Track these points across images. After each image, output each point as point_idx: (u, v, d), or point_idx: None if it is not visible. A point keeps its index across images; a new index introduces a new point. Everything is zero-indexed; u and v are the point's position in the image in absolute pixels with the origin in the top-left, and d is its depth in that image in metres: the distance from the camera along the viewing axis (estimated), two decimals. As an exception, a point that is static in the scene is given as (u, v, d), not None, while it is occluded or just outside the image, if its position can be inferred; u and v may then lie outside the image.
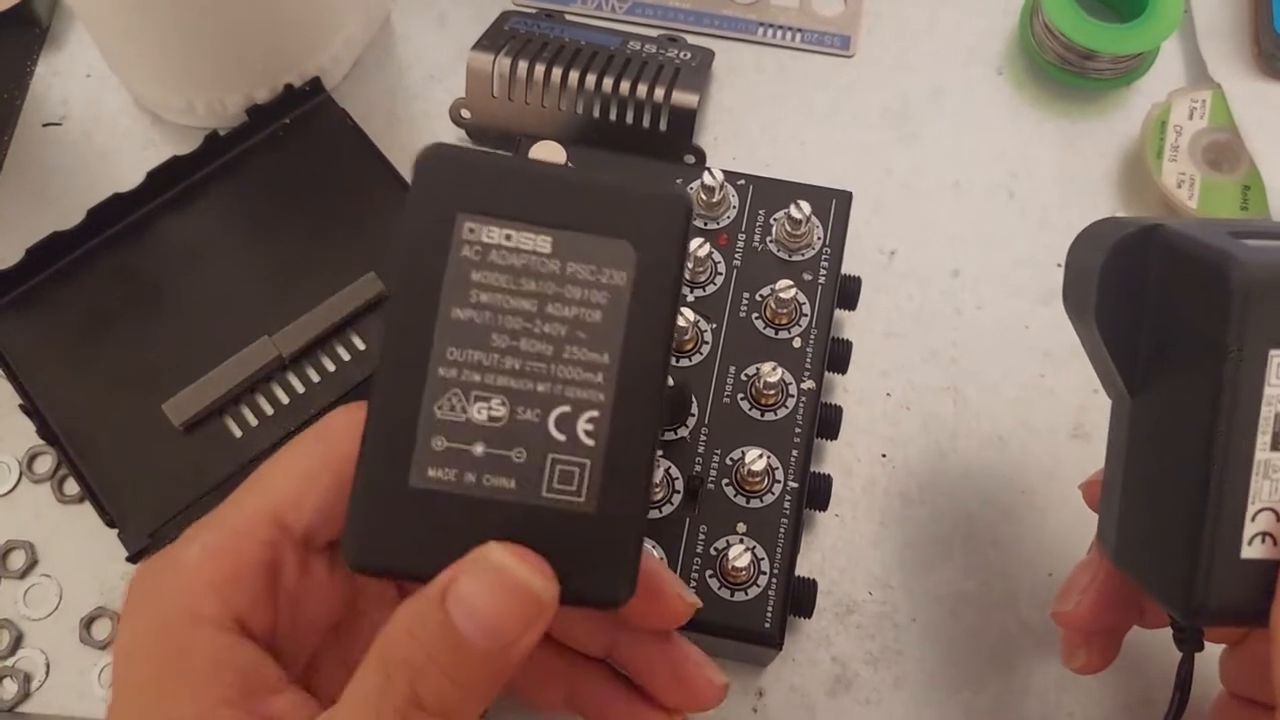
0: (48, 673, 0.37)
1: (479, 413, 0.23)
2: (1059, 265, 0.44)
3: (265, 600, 0.25)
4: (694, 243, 0.36)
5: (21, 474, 0.40)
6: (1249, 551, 0.25)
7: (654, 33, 0.46)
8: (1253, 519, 0.25)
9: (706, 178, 0.37)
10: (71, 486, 0.39)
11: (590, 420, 0.23)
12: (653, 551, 0.33)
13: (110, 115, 0.46)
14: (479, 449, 0.23)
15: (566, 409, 0.23)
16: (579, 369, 0.23)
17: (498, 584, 0.22)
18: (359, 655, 0.27)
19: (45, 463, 0.40)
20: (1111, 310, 0.28)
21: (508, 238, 0.23)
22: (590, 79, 0.43)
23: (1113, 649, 0.32)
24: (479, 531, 0.23)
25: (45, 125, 0.46)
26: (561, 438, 0.23)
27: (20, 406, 0.39)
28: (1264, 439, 0.24)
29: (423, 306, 0.23)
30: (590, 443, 0.23)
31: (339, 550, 0.26)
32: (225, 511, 0.26)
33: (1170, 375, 0.26)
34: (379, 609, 0.28)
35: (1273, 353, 0.24)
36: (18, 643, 0.37)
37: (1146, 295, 0.27)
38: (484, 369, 0.23)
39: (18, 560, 0.38)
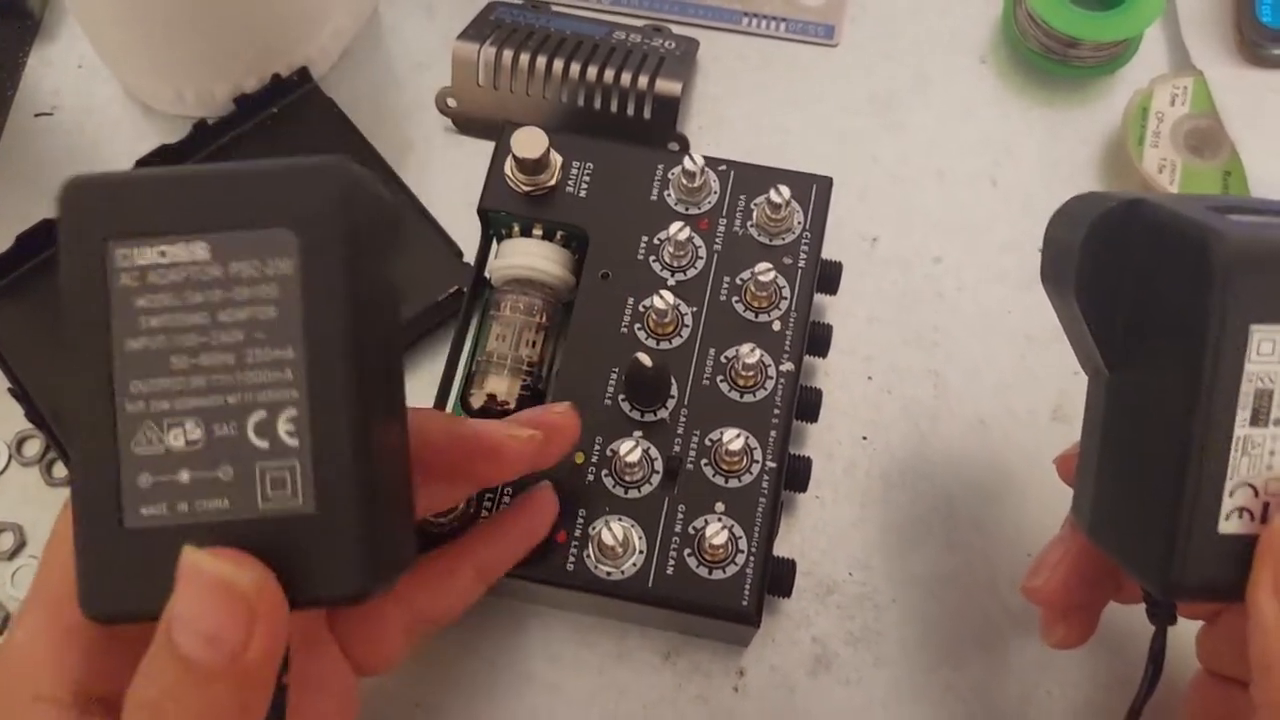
0: (35, 653, 0.37)
1: (175, 439, 0.22)
2: (1040, 251, 0.44)
3: (102, 660, 0.24)
4: (674, 227, 0.36)
5: (10, 457, 0.40)
6: (1226, 527, 0.25)
7: (639, 23, 0.47)
8: (1230, 494, 0.24)
9: (687, 163, 0.37)
10: (60, 469, 0.40)
11: (289, 420, 0.22)
12: (461, 420, 0.31)
13: (101, 105, 0.46)
14: (184, 476, 0.22)
15: (262, 414, 0.22)
16: (265, 370, 0.22)
17: (200, 588, 0.21)
18: None
19: (34, 446, 0.40)
20: (1091, 285, 0.28)
21: (162, 254, 0.22)
22: (575, 68, 0.43)
23: (1089, 624, 0.32)
24: None
25: (37, 115, 0.46)
26: (264, 445, 0.22)
27: (9, 390, 0.39)
28: (1243, 414, 0.24)
29: (95, 345, 0.22)
30: (294, 443, 0.22)
31: None
32: (40, 585, 0.25)
33: (1150, 350, 0.26)
34: None
35: (1254, 328, 0.24)
36: (5, 624, 0.38)
37: (1126, 270, 0.27)
38: (171, 394, 0.22)
39: (6, 542, 0.39)
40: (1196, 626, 0.32)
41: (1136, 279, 0.27)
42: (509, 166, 0.38)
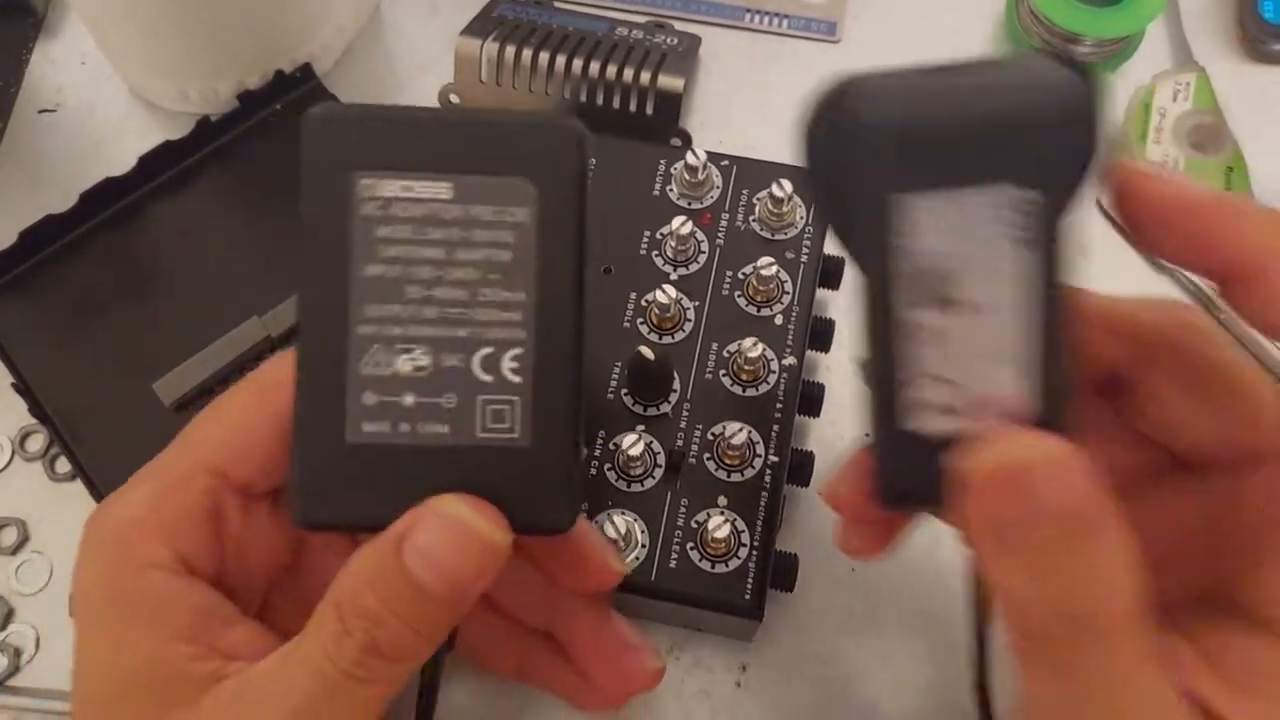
0: (38, 648, 0.37)
1: (404, 364, 0.23)
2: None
3: (210, 544, 0.25)
4: (677, 221, 0.36)
5: (14, 452, 0.40)
6: (925, 425, 0.22)
7: (641, 19, 0.47)
8: (920, 388, 0.22)
9: (689, 157, 0.37)
10: (63, 465, 0.40)
11: (514, 358, 0.23)
12: (583, 518, 0.32)
13: (104, 102, 0.46)
14: (409, 399, 0.23)
15: (489, 350, 0.24)
16: (496, 309, 0.24)
17: (454, 534, 0.22)
18: (311, 593, 0.27)
19: (37, 441, 0.40)
20: (821, 181, 0.24)
21: (406, 189, 0.23)
22: (577, 64, 0.43)
23: (883, 537, 0.29)
24: (421, 478, 0.23)
25: (40, 112, 0.46)
26: (488, 378, 0.23)
27: (13, 385, 0.39)
28: (917, 297, 0.22)
29: (334, 269, 0.23)
30: (517, 379, 0.24)
31: (281, 499, 0.27)
32: (165, 460, 0.26)
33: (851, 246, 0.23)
34: (328, 550, 0.29)
35: (907, 198, 0.21)
36: (8, 618, 0.38)
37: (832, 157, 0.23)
38: (403, 321, 0.23)
39: (9, 537, 0.39)
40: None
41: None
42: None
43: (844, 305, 0.41)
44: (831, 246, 0.38)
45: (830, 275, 0.38)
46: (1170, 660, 0.22)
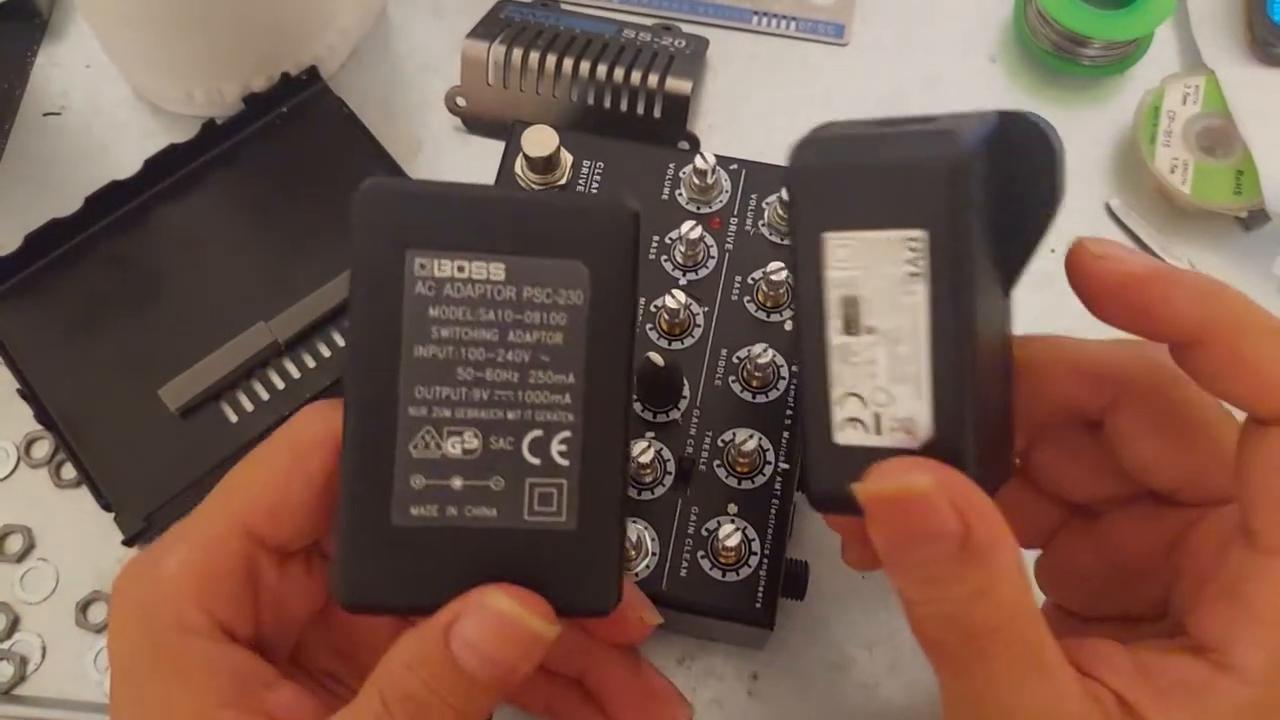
0: (44, 656, 0.37)
1: (453, 447, 0.23)
2: (1052, 251, 0.44)
3: (246, 605, 0.26)
4: (686, 225, 0.36)
5: (19, 459, 0.40)
6: (841, 438, 0.24)
7: (648, 21, 0.47)
8: (839, 404, 0.24)
9: (698, 161, 0.37)
10: (68, 471, 0.39)
11: (563, 441, 0.24)
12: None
13: (109, 105, 0.46)
14: (457, 482, 0.23)
15: (539, 433, 0.24)
16: (546, 392, 0.23)
17: (500, 626, 0.23)
18: (339, 633, 0.28)
19: (43, 447, 0.40)
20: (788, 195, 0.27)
21: (460, 269, 0.23)
22: (585, 66, 0.43)
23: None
24: (467, 562, 0.23)
25: (45, 115, 0.46)
26: (536, 461, 0.24)
27: (18, 391, 0.39)
28: (835, 322, 0.24)
29: (385, 348, 0.23)
30: (565, 463, 0.24)
31: (314, 551, 0.28)
32: (199, 522, 0.26)
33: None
34: None
35: (827, 235, 0.23)
36: (14, 626, 0.38)
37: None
38: (453, 403, 0.23)
39: (15, 544, 0.39)
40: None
41: None
42: (519, 166, 0.38)
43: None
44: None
45: (840, 280, 0.38)
46: (1101, 666, 0.23)
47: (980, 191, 0.23)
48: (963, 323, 0.23)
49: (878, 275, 0.23)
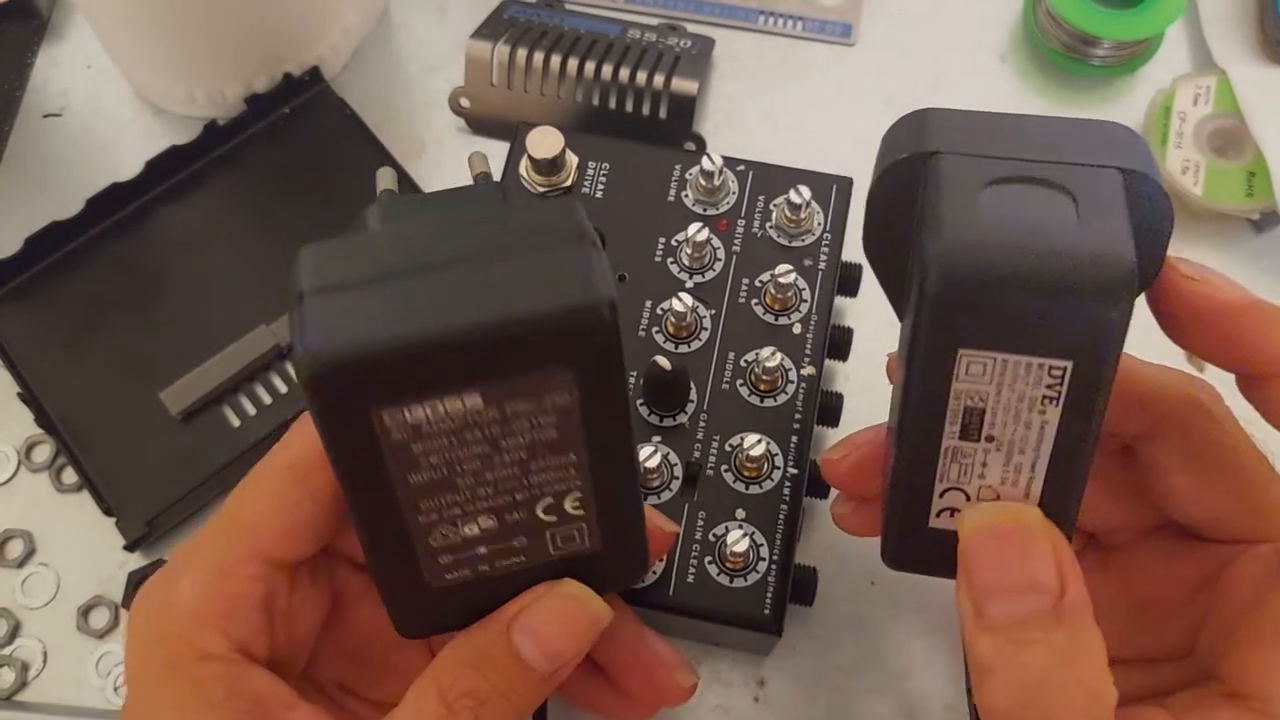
0: (45, 662, 0.37)
1: (470, 530, 0.24)
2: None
3: (262, 626, 0.26)
4: (692, 228, 0.36)
5: (20, 463, 0.39)
6: (936, 523, 0.25)
7: (654, 21, 0.46)
8: (941, 495, 0.25)
9: (705, 163, 0.37)
10: (69, 475, 0.39)
11: (575, 500, 0.24)
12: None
13: (110, 106, 0.46)
14: (482, 549, 0.24)
15: (550, 500, 0.24)
16: (551, 474, 0.23)
17: (564, 612, 0.24)
18: (348, 639, 0.28)
19: (43, 451, 0.40)
20: (879, 235, 0.26)
21: (433, 410, 0.21)
22: (590, 67, 0.43)
23: (873, 522, 0.30)
24: (510, 587, 0.25)
25: (45, 116, 0.46)
26: (553, 519, 0.24)
27: (19, 395, 0.39)
28: (952, 427, 0.24)
29: (377, 489, 0.22)
30: (580, 512, 0.24)
31: (319, 558, 0.28)
32: (211, 548, 0.26)
33: (909, 324, 0.25)
34: (366, 596, 0.29)
35: (962, 352, 0.22)
36: (15, 632, 0.37)
37: (909, 227, 0.24)
38: (460, 503, 0.23)
39: (16, 549, 0.38)
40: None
41: (910, 242, 0.24)
42: (524, 167, 0.37)
43: (862, 313, 0.41)
44: (850, 253, 0.37)
45: (849, 282, 0.38)
46: None
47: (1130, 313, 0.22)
48: (1086, 444, 0.23)
49: (1010, 392, 0.23)
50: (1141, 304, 0.24)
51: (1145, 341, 0.26)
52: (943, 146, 0.24)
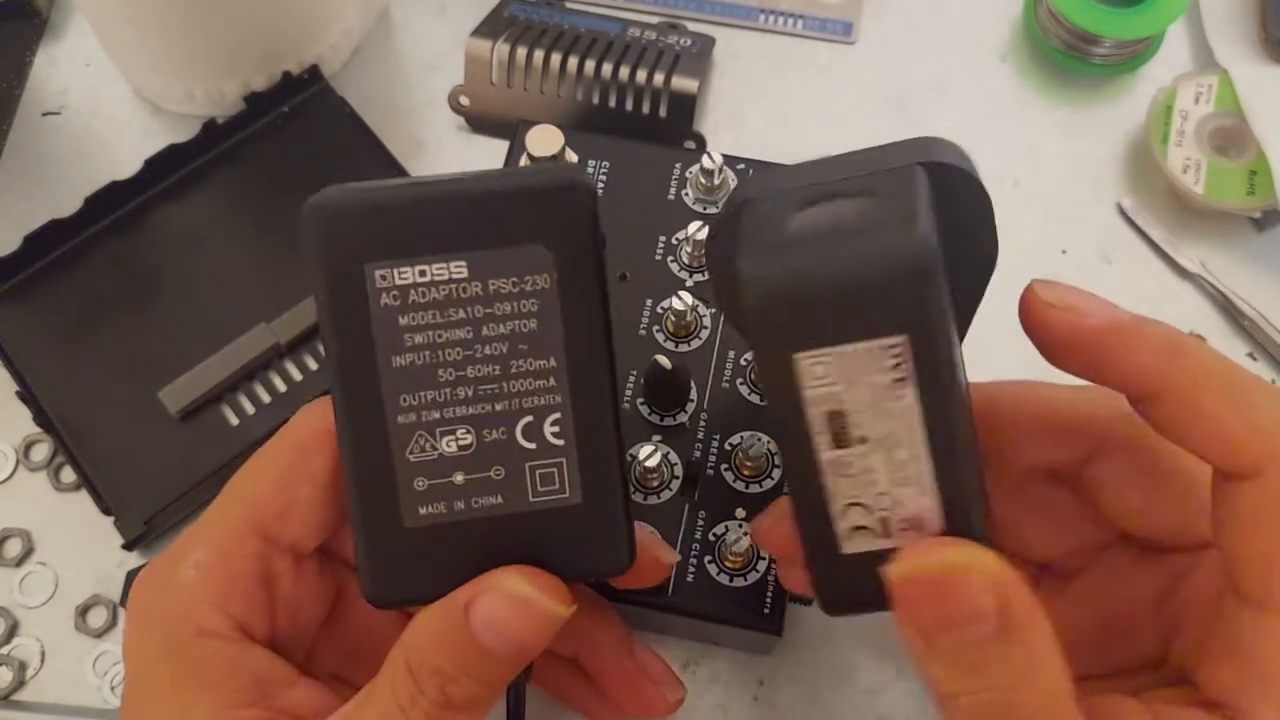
0: (43, 661, 0.37)
1: (448, 445, 0.24)
2: (1063, 252, 0.44)
3: (262, 606, 0.26)
4: (693, 226, 0.36)
5: (18, 462, 0.39)
6: (849, 547, 0.24)
7: (654, 19, 0.46)
8: (842, 516, 0.23)
9: (705, 161, 0.37)
10: (68, 474, 0.39)
11: (555, 422, 0.24)
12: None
13: (109, 104, 0.46)
14: (459, 478, 0.24)
15: (530, 419, 0.24)
16: (530, 379, 0.24)
17: (515, 606, 0.23)
18: (350, 636, 0.28)
19: (42, 450, 0.40)
20: (724, 293, 0.26)
21: (422, 274, 0.23)
22: (590, 65, 0.43)
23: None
24: (484, 547, 0.24)
25: (44, 114, 0.46)
26: (532, 446, 0.24)
27: (17, 394, 0.39)
28: (823, 439, 0.23)
29: (362, 364, 0.23)
30: (560, 442, 0.24)
31: (326, 554, 0.28)
32: (211, 526, 0.26)
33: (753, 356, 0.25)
34: None
35: (798, 356, 0.22)
36: (13, 631, 0.37)
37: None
38: (440, 405, 0.24)
39: (14, 548, 0.38)
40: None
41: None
42: (524, 165, 0.37)
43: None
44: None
45: (849, 281, 0.38)
46: None
47: (945, 275, 0.22)
48: (956, 415, 0.22)
49: (861, 385, 0.22)
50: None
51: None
52: (755, 194, 0.24)
